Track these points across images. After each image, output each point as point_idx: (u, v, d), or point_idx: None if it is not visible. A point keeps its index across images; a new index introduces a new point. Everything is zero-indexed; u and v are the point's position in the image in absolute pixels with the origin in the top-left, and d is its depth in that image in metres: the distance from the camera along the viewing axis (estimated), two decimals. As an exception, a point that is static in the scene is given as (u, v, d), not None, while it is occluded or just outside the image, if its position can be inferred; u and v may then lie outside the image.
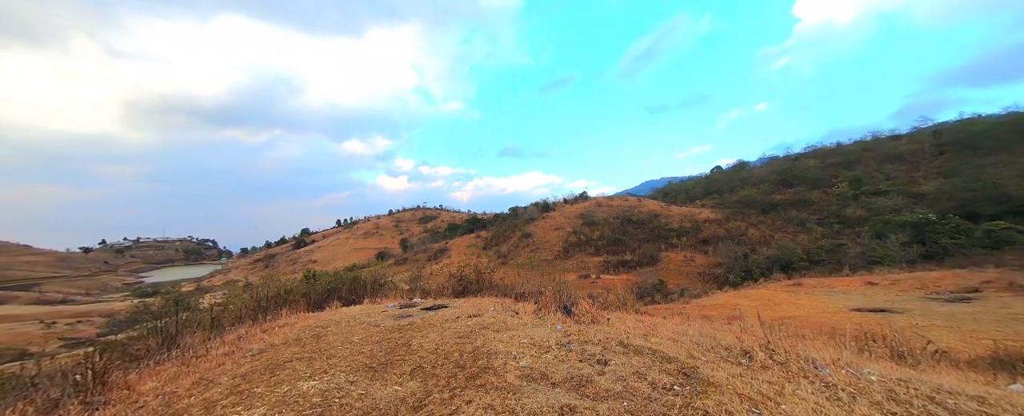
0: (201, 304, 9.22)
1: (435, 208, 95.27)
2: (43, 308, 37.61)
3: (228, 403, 2.61)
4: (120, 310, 32.20)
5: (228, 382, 3.03)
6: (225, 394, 2.78)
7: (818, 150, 55.67)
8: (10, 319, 30.41)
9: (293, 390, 2.70)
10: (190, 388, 3.06)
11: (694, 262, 31.19)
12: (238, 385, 2.93)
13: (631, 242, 36.47)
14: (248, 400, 2.62)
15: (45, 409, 3.04)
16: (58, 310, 36.31)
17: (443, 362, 3.04)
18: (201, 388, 3.01)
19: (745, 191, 46.66)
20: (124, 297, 44.22)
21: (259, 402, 2.57)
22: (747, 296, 17.82)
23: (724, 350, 3.54)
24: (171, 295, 7.25)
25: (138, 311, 7.95)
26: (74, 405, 3.03)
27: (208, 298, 15.09)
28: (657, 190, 78.15)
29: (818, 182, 43.10)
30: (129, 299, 39.89)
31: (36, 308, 37.55)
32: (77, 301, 43.86)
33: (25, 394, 3.37)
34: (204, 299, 14.43)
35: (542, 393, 2.42)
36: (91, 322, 29.40)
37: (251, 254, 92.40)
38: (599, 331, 3.97)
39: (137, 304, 17.73)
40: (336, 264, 45.28)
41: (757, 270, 25.65)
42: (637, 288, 22.57)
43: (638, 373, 2.76)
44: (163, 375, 3.66)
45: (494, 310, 4.96)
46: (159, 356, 4.48)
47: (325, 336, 4.10)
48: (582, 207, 46.94)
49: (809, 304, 14.48)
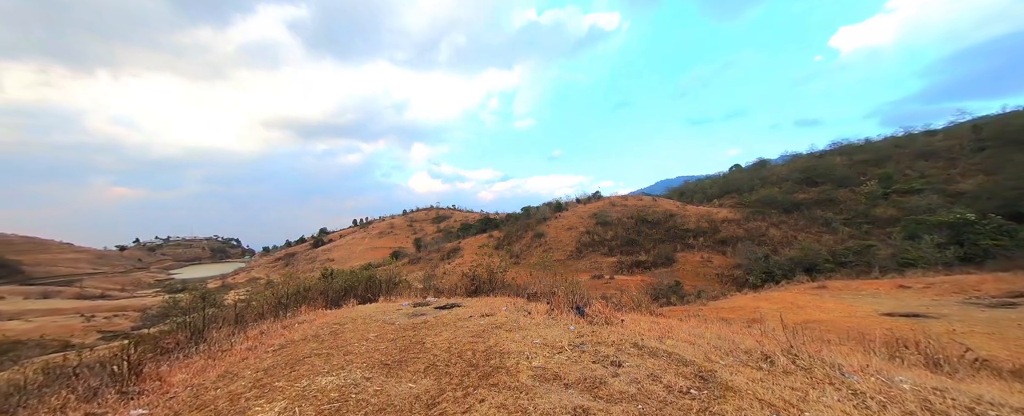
0: (226, 300, 9.61)
1: (448, 208, 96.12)
2: (83, 302, 40.02)
3: (251, 396, 2.71)
4: (152, 305, 33.91)
5: (251, 376, 3.15)
6: (248, 387, 2.89)
7: (844, 147, 53.20)
8: (55, 312, 32.51)
9: (312, 385, 2.78)
10: (216, 381, 3.19)
11: (711, 263, 30.38)
12: (260, 379, 3.04)
13: (646, 242, 35.83)
14: (270, 394, 2.71)
15: (86, 397, 3.24)
16: (97, 304, 38.56)
17: (456, 361, 3.06)
18: (226, 381, 3.14)
19: (766, 190, 45.05)
20: (156, 293, 46.55)
21: (280, 396, 2.65)
22: (768, 299, 17.23)
23: (744, 354, 3.43)
24: (198, 292, 7.59)
25: (168, 306, 8.36)
26: (111, 394, 3.22)
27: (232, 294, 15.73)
28: (672, 189, 76.45)
29: (845, 180, 41.19)
30: (160, 295, 41.98)
31: (77, 302, 40.00)
32: (114, 296, 46.50)
33: (68, 383, 3.60)
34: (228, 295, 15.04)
35: (555, 394, 2.41)
36: (126, 316, 31.11)
37: (272, 252, 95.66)
38: (613, 332, 3.92)
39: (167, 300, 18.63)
40: (352, 263, 46.35)
41: (778, 272, 24.74)
42: (652, 289, 22.15)
43: (653, 376, 2.71)
44: (191, 368, 3.84)
45: (506, 310, 4.97)
46: (188, 350, 4.70)
47: (342, 333, 4.21)
48: (596, 207, 46.42)
49: (835, 308, 13.87)
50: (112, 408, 2.95)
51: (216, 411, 2.53)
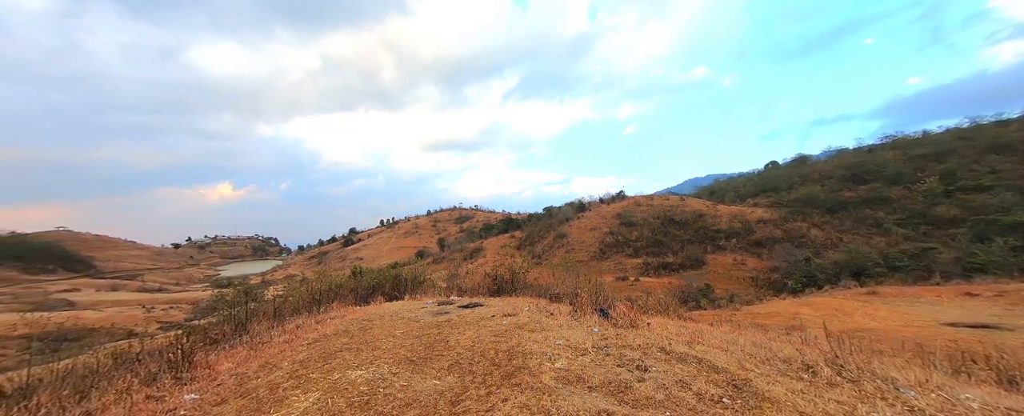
0: (265, 296, 10.26)
1: (470, 208, 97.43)
2: (144, 295, 44.16)
3: (289, 386, 2.88)
4: (202, 299, 36.81)
5: (288, 367, 3.35)
6: (286, 377, 3.07)
7: (898, 140, 48.56)
8: (121, 303, 36.09)
9: (343, 378, 2.91)
10: (257, 370, 3.41)
11: (745, 266, 28.78)
12: (297, 370, 3.22)
13: (673, 243, 34.53)
14: (305, 384, 2.87)
15: (146, 381, 3.57)
16: (155, 297, 42.41)
17: (479, 359, 3.10)
18: (266, 371, 3.35)
19: (806, 188, 42.06)
20: (205, 287, 50.53)
21: (314, 387, 2.80)
22: (809, 304, 16.08)
23: (782, 363, 3.23)
24: (242, 287, 8.16)
25: (216, 300, 9.04)
26: (168, 379, 3.53)
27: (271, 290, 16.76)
28: (702, 188, 73.19)
29: (898, 177, 37.65)
30: (209, 289, 45.46)
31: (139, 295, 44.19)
32: (170, 290, 50.94)
33: (132, 368, 3.99)
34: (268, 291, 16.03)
35: (578, 396, 2.37)
36: (180, 308, 34.00)
37: (306, 251, 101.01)
38: (638, 336, 3.82)
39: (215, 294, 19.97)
40: (379, 261, 48.00)
41: (821, 276, 23.03)
42: (680, 292, 21.31)
43: (682, 382, 2.61)
44: (236, 357, 4.13)
45: (529, 310, 4.96)
46: (233, 341, 5.06)
47: (371, 329, 4.37)
48: (619, 207, 45.31)
49: (888, 316, 12.72)
50: (169, 392, 3.23)
51: (258, 399, 2.71)
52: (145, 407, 2.89)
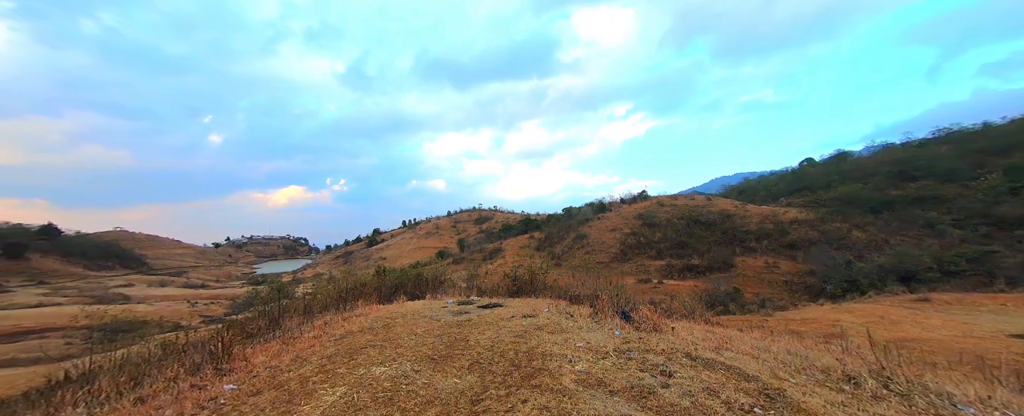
0: (296, 293, 10.78)
1: (490, 209, 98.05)
2: (189, 290, 47.52)
3: (318, 380, 3.00)
4: (239, 295, 39.15)
5: (317, 361, 3.49)
6: (315, 372, 3.21)
7: (953, 133, 44.49)
8: (169, 298, 39.02)
9: (368, 374, 3.01)
10: (289, 364, 3.59)
11: (777, 269, 27.27)
12: (325, 365, 3.35)
13: (699, 245, 33.25)
14: (333, 379, 2.99)
15: (191, 371, 3.84)
16: (199, 292, 45.52)
17: (499, 359, 3.11)
18: (297, 364, 3.52)
19: (847, 186, 39.33)
20: (242, 284, 53.72)
21: (341, 382, 2.91)
22: (851, 311, 15.01)
23: (820, 372, 3.04)
24: (275, 284, 8.61)
25: (252, 297, 9.58)
26: (209, 370, 3.77)
27: (301, 288, 17.58)
28: (730, 187, 70.04)
29: (953, 173, 34.48)
30: (246, 286, 48.28)
31: (185, 290, 47.59)
32: (211, 286, 54.54)
33: (178, 358, 4.30)
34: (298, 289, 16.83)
35: (599, 400, 2.33)
36: (220, 303, 36.31)
37: (334, 251, 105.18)
38: (662, 340, 3.70)
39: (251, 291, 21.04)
40: (402, 261, 49.22)
41: (864, 280, 21.42)
42: (706, 296, 20.48)
43: (709, 390, 2.51)
44: (269, 351, 4.36)
45: (548, 311, 4.93)
46: (267, 335, 5.35)
47: (393, 327, 4.49)
48: (641, 207, 44.14)
49: (942, 325, 11.67)
50: (210, 381, 3.46)
51: (289, 391, 2.85)
52: (190, 395, 3.10)
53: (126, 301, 34.84)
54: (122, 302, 33.80)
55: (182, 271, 68.73)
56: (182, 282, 55.90)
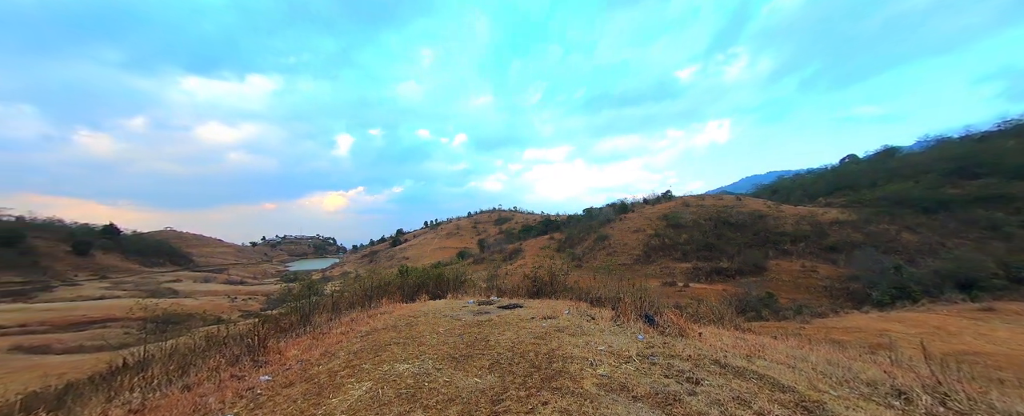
0: (325, 290, 11.26)
1: (509, 210, 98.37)
2: (229, 287, 50.81)
3: (345, 374, 3.13)
4: (274, 291, 41.39)
5: (345, 356, 3.63)
6: (342, 366, 3.34)
7: (1021, 125, 40.18)
8: (211, 293, 41.92)
9: (392, 370, 3.09)
10: (319, 358, 3.76)
11: (815, 273, 25.58)
12: (351, 360, 3.48)
13: (728, 247, 31.78)
14: (359, 374, 3.10)
15: (231, 361, 4.10)
16: (238, 288, 48.58)
17: (519, 360, 3.11)
18: (326, 359, 3.68)
19: (896, 185, 36.38)
20: (276, 282, 56.79)
21: (367, 377, 3.01)
22: (901, 320, 13.84)
23: (865, 386, 2.82)
24: (305, 282, 9.04)
25: (285, 293, 10.12)
26: (247, 361, 4.02)
27: (330, 286, 18.37)
28: (763, 187, 66.53)
29: (1022, 169, 31.10)
30: (279, 283, 50.96)
31: (226, 286, 50.94)
32: (249, 283, 58.06)
33: (220, 349, 4.60)
34: (327, 287, 17.59)
35: (622, 405, 2.28)
36: (257, 299, 38.59)
37: (359, 251, 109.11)
38: (689, 346, 3.57)
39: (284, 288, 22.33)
40: (424, 261, 50.25)
41: (916, 287, 19.68)
42: (736, 300, 19.53)
43: (740, 399, 2.39)
44: (301, 345, 4.58)
45: (569, 313, 4.88)
46: (298, 330, 5.62)
47: (416, 325, 4.59)
48: (666, 207, 42.76)
49: (1010, 338, 10.52)
50: (248, 372, 3.68)
51: (319, 384, 2.98)
52: (230, 384, 3.31)
53: (175, 295, 37.74)
54: (171, 296, 36.64)
55: (223, 268, 73.59)
56: (223, 278, 59.84)
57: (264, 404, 2.74)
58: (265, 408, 2.66)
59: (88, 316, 25.49)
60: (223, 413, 2.67)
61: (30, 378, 11.30)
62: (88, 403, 3.48)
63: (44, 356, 16.81)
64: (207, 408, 2.80)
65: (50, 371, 11.79)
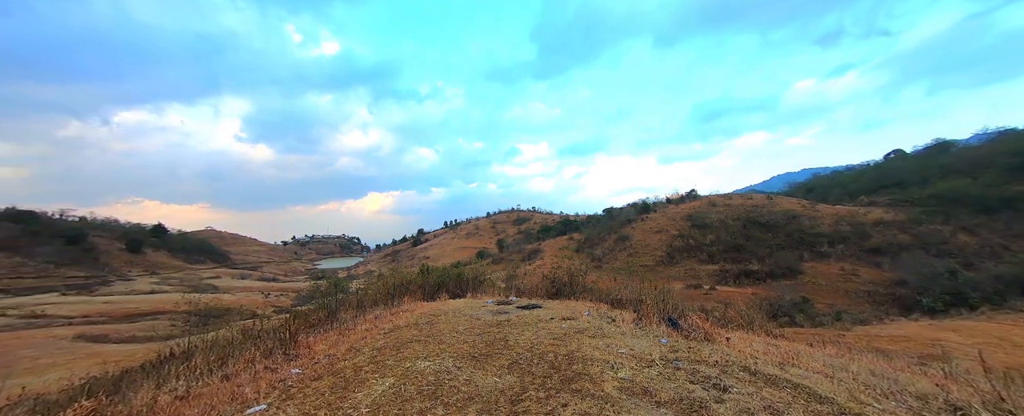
0: (351, 288, 11.68)
1: (528, 210, 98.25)
2: (263, 283, 53.75)
3: (369, 369, 3.23)
4: (303, 288, 43.38)
5: (369, 352, 3.75)
6: (367, 362, 3.45)
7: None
8: (247, 289, 44.50)
9: (413, 367, 3.17)
10: (345, 353, 3.90)
11: (857, 277, 23.91)
12: (375, 356, 3.59)
13: (758, 248, 30.30)
14: (382, 370, 3.19)
15: (265, 354, 4.33)
16: (271, 285, 51.30)
17: (538, 361, 3.10)
18: (351, 354, 3.81)
19: (950, 182, 33.39)
20: (306, 279, 59.51)
21: (389, 373, 3.10)
22: (957, 329, 12.69)
23: (914, 399, 2.61)
24: (332, 280, 9.42)
25: (313, 290, 10.57)
26: (279, 355, 4.23)
27: (355, 284, 19.06)
28: (797, 185, 62.81)
29: (1105, 164, 27.74)
30: (309, 281, 53.36)
31: (260, 283, 53.93)
32: (281, 280, 61.18)
33: (255, 342, 4.87)
34: (352, 284, 18.27)
35: (644, 410, 2.22)
36: (288, 295, 40.60)
37: (382, 250, 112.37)
38: (715, 351, 3.44)
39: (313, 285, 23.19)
40: (444, 260, 51.07)
41: (974, 294, 17.99)
42: (768, 305, 18.58)
43: (771, 408, 2.27)
44: (328, 340, 4.78)
45: (589, 314, 4.81)
46: (326, 326, 5.86)
47: (436, 324, 4.67)
48: (690, 207, 41.25)
49: (1090, 352, 9.39)
50: (280, 365, 3.88)
51: (345, 378, 3.09)
52: (265, 376, 3.50)
53: (215, 291, 40.31)
54: (212, 292, 39.17)
55: (258, 266, 77.91)
56: (258, 276, 63.34)
57: (295, 396, 2.88)
58: (296, 399, 2.79)
59: (139, 309, 27.71)
60: (258, 403, 2.83)
61: (91, 364, 12.44)
62: (140, 389, 3.79)
63: (103, 345, 18.44)
64: (244, 397, 2.97)
65: (108, 359, 12.93)
